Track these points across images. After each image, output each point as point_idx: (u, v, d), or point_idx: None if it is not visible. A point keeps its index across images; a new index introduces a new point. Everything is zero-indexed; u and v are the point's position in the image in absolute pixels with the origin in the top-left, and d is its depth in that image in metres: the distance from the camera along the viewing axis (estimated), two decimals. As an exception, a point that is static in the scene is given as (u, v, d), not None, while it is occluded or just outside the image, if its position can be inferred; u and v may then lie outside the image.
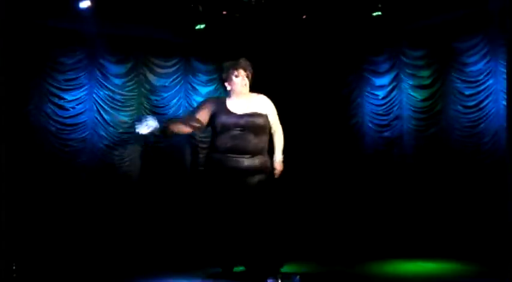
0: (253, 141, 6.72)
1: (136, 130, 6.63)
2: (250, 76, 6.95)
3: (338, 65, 11.65)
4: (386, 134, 11.06)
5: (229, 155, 6.65)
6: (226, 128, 6.68)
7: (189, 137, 11.05)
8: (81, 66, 10.33)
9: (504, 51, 9.56)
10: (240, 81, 6.82)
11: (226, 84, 6.92)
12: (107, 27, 10.27)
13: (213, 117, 6.78)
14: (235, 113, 6.74)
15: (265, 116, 6.86)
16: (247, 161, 6.68)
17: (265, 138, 6.89)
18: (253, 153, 6.72)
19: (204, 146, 11.21)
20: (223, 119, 6.69)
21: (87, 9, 9.42)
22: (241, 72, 6.84)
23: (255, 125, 6.73)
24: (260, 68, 11.50)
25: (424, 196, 10.37)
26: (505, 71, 9.01)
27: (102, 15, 9.83)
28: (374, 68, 11.27)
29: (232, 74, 6.83)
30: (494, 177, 9.54)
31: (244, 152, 6.68)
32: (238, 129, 6.68)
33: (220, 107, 6.79)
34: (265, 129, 6.86)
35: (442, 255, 8.83)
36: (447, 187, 10.12)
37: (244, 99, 6.85)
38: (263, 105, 6.92)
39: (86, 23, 9.93)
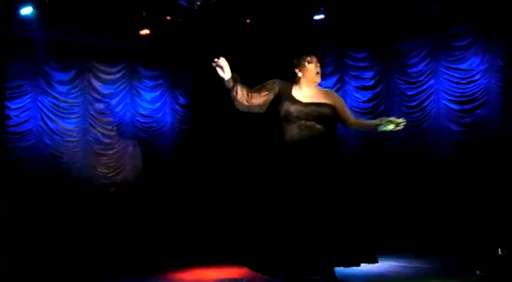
0: (322, 132, 6.30)
1: (214, 64, 6.26)
2: (321, 65, 6.56)
3: (282, 69, 11.69)
4: (331, 135, 11.16)
5: (297, 147, 6.25)
6: (290, 116, 6.28)
7: (138, 142, 11.10)
8: (25, 74, 10.18)
9: (445, 52, 9.85)
10: (313, 68, 6.42)
11: (297, 70, 6.47)
12: (50, 34, 10.15)
13: (276, 102, 6.37)
14: (300, 101, 6.31)
15: (333, 107, 6.39)
16: (316, 154, 6.25)
17: (332, 130, 6.48)
18: (321, 146, 6.30)
19: (150, 150, 11.31)
20: (287, 105, 6.29)
21: (30, 15, 9.31)
22: (314, 59, 6.45)
23: (321, 115, 6.31)
24: (203, 73, 11.69)
25: (368, 196, 10.51)
26: (502, 69, 9.27)
27: (45, 21, 9.72)
28: (318, 70, 11.37)
29: (305, 60, 6.43)
30: (438, 175, 9.78)
31: (312, 144, 6.24)
32: (304, 119, 6.26)
33: (285, 92, 6.39)
34: (332, 120, 6.40)
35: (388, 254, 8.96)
36: (392, 186, 10.30)
37: (313, 89, 6.46)
38: (330, 97, 6.50)
39: (29, 30, 9.82)
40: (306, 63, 6.42)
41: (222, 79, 6.31)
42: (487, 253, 7.30)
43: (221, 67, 6.33)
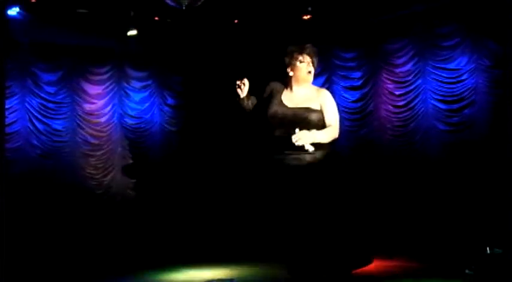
0: None
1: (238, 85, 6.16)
2: (315, 64, 6.23)
3: (269, 69, 11.68)
4: (319, 136, 11.15)
5: (287, 151, 6.01)
6: (275, 120, 6.12)
7: (127, 143, 11.11)
8: (13, 75, 10.14)
9: (433, 52, 9.87)
10: (304, 67, 6.12)
11: (288, 69, 6.20)
12: (37, 35, 10.14)
13: (267, 103, 6.26)
14: (286, 105, 6.13)
15: (320, 112, 6.11)
16: (308, 157, 5.96)
17: None
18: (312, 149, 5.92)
19: (139, 151, 11.31)
20: (273, 109, 6.13)
21: (17, 16, 9.27)
22: (307, 58, 6.14)
23: (306, 120, 6.04)
24: (191, 74, 11.70)
25: (359, 196, 10.50)
26: (489, 69, 9.30)
27: (32, 22, 9.70)
28: (306, 71, 11.37)
29: (297, 59, 6.14)
30: (426, 174, 9.80)
31: (301, 148, 5.86)
32: (289, 122, 6.03)
33: (276, 94, 6.24)
34: (318, 126, 6.01)
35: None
36: (380, 186, 10.31)
37: (304, 91, 6.21)
38: (320, 100, 6.17)
39: (16, 31, 9.79)
40: (298, 63, 6.13)
41: (238, 96, 6.21)
42: (476, 252, 7.33)
43: (241, 88, 6.29)
